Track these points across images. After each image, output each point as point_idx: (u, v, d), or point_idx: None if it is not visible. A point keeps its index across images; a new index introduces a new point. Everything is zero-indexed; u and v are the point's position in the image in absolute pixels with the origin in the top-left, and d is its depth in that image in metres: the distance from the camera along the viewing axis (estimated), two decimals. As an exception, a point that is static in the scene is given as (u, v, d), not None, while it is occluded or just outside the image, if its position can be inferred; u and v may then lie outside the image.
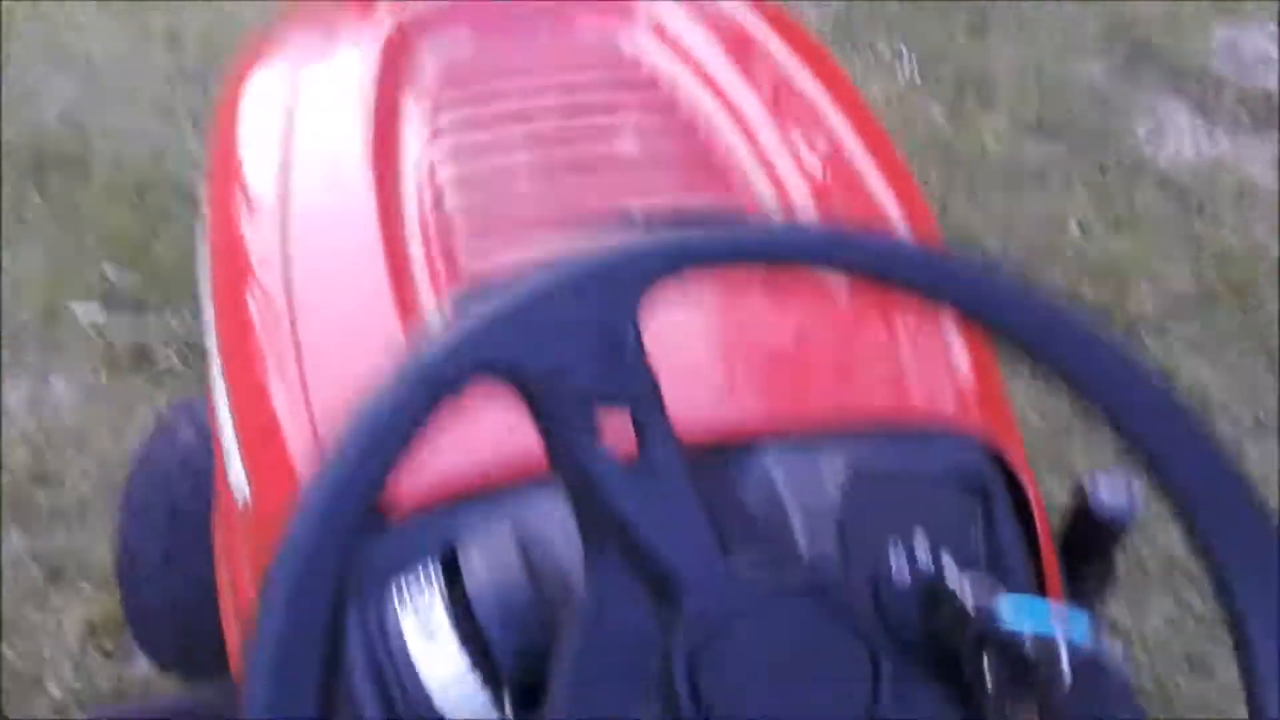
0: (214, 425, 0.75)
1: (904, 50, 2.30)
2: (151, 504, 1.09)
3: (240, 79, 0.89)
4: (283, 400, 0.64)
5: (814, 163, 0.76)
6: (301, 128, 0.79)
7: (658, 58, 0.84)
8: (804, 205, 0.72)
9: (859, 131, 0.81)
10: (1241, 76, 2.31)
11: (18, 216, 1.82)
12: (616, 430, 0.41)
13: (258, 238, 0.75)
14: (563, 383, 0.40)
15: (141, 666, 1.30)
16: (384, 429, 0.38)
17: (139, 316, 1.69)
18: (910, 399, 0.64)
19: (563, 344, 0.41)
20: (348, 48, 0.87)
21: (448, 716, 0.48)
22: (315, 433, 0.59)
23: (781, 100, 0.83)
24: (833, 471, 0.53)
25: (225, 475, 0.70)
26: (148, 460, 1.13)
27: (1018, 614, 0.48)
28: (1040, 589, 0.58)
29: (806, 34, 0.96)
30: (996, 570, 0.54)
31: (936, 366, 0.67)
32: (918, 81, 2.23)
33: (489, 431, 0.56)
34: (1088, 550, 0.63)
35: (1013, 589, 0.52)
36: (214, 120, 0.90)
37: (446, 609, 0.49)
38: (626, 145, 0.77)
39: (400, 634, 0.49)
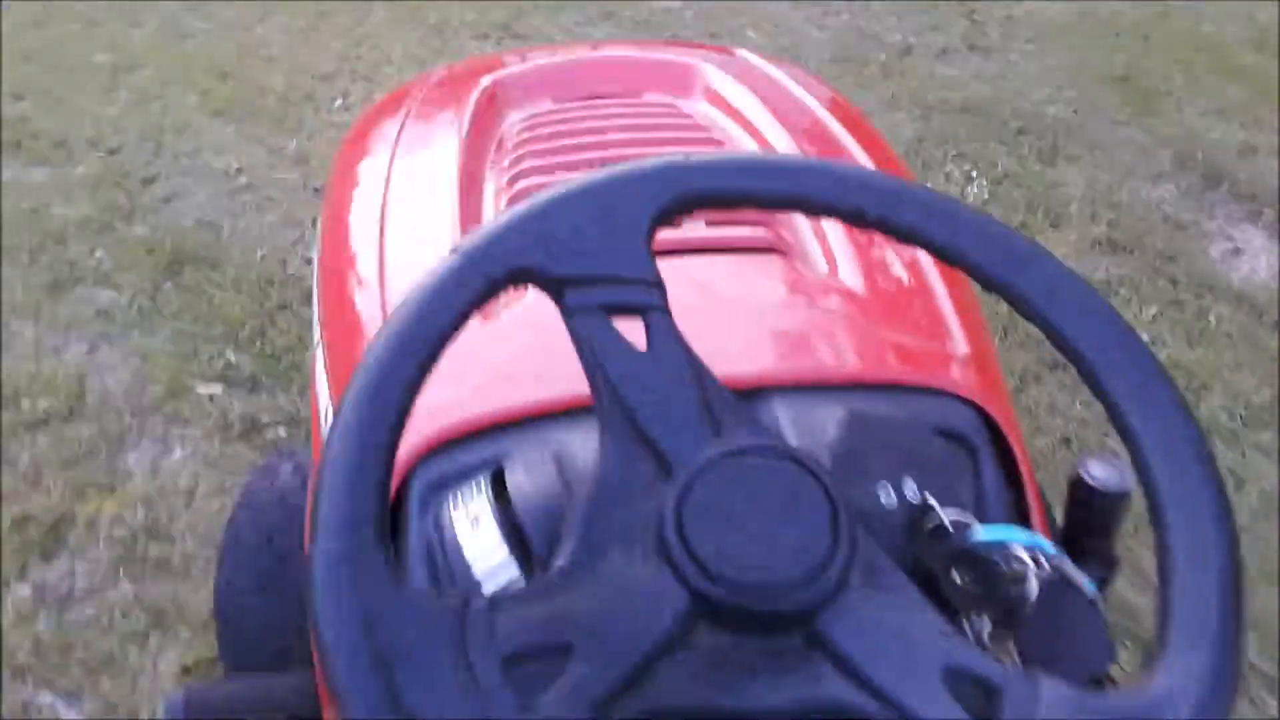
0: (314, 407, 0.85)
1: (974, 174, 2.41)
2: (248, 534, 1.20)
3: (363, 123, 1.05)
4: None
5: None
6: (403, 154, 0.93)
7: (707, 111, 0.97)
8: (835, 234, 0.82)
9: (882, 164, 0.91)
10: (1316, 202, 2.34)
11: (155, 305, 2.02)
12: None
13: (359, 227, 0.87)
14: (580, 286, 0.48)
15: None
16: (433, 308, 0.46)
17: (253, 394, 1.84)
18: (907, 361, 0.70)
19: (582, 252, 0.49)
20: (447, 104, 1.02)
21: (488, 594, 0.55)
22: None
23: (814, 140, 0.94)
24: (831, 417, 0.60)
25: (320, 442, 0.80)
26: (249, 496, 1.24)
27: (990, 533, 0.54)
28: None
29: (845, 103, 1.08)
30: (981, 515, 0.60)
31: (934, 335, 0.74)
32: (987, 201, 2.33)
33: (535, 367, 0.66)
34: (1088, 532, 0.67)
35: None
36: (337, 151, 1.05)
37: (491, 507, 0.57)
38: None
39: (453, 531, 0.57)
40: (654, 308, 0.49)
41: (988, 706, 0.42)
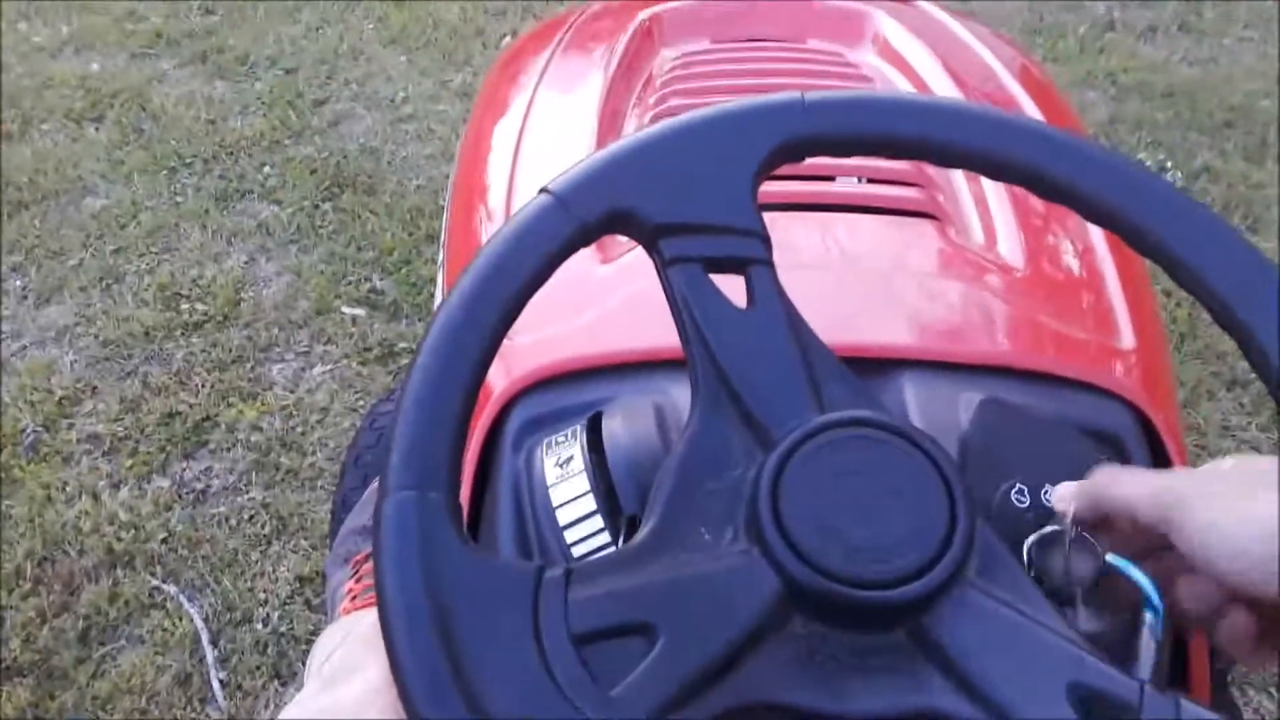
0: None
1: (1168, 165, 2.21)
2: (369, 455, 1.21)
3: (515, 48, 1.02)
4: None
5: None
6: (548, 83, 0.90)
7: (874, 61, 0.89)
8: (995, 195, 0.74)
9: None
10: None
11: (312, 224, 2.08)
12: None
13: (495, 153, 0.85)
14: (677, 235, 0.44)
15: (336, 620, 1.42)
16: (520, 251, 0.42)
17: (393, 320, 1.87)
18: (1062, 350, 0.63)
19: (681, 196, 0.44)
20: (601, 36, 0.98)
21: (570, 546, 0.52)
22: None
23: (984, 93, 0.85)
24: (968, 402, 0.54)
25: None
26: (374, 419, 1.26)
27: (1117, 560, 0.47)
28: None
29: (1026, 58, 0.98)
30: None
31: (1097, 326, 0.66)
32: (1179, 195, 2.14)
33: (649, 312, 0.62)
34: None
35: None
36: (487, 73, 1.03)
37: (584, 455, 0.54)
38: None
39: (543, 474, 0.54)
40: (757, 261, 0.44)
41: None
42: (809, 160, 0.47)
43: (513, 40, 2.66)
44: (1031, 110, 0.86)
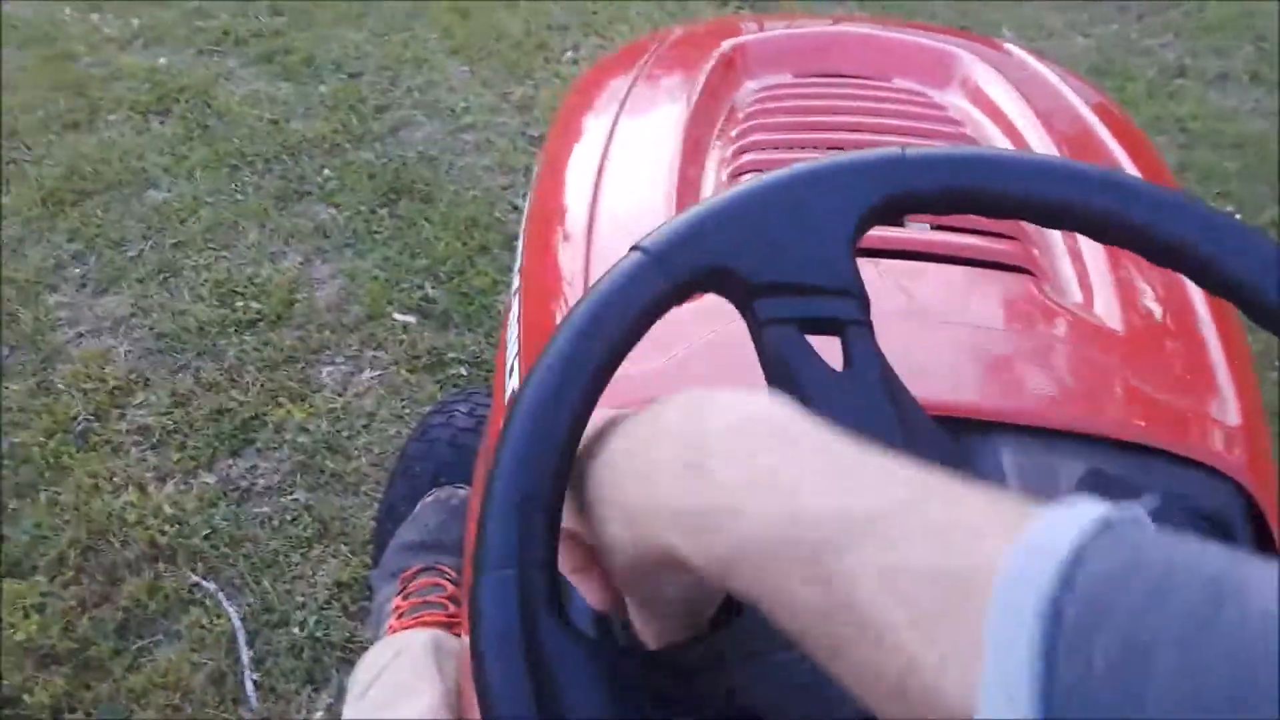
0: (501, 357, 0.83)
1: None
2: (419, 466, 1.21)
3: (594, 73, 1.01)
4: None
5: None
6: (629, 110, 0.89)
7: (962, 104, 0.87)
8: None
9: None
10: None
11: (369, 228, 2.09)
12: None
13: (574, 180, 0.84)
14: (774, 295, 0.42)
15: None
16: (614, 311, 0.40)
17: (443, 329, 1.87)
18: (1162, 421, 0.60)
19: (778, 256, 0.43)
20: (682, 65, 0.97)
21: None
22: None
23: (1081, 153, 0.83)
24: (1065, 471, 0.52)
25: (502, 390, 0.77)
26: (425, 430, 1.25)
27: None
28: None
29: (1120, 113, 0.96)
30: None
31: (1197, 394, 0.64)
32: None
33: (731, 358, 0.60)
34: None
35: None
36: (565, 98, 1.03)
37: None
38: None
39: None
40: (853, 323, 0.43)
41: None
42: None
43: (573, 54, 2.67)
44: (1127, 164, 0.83)
